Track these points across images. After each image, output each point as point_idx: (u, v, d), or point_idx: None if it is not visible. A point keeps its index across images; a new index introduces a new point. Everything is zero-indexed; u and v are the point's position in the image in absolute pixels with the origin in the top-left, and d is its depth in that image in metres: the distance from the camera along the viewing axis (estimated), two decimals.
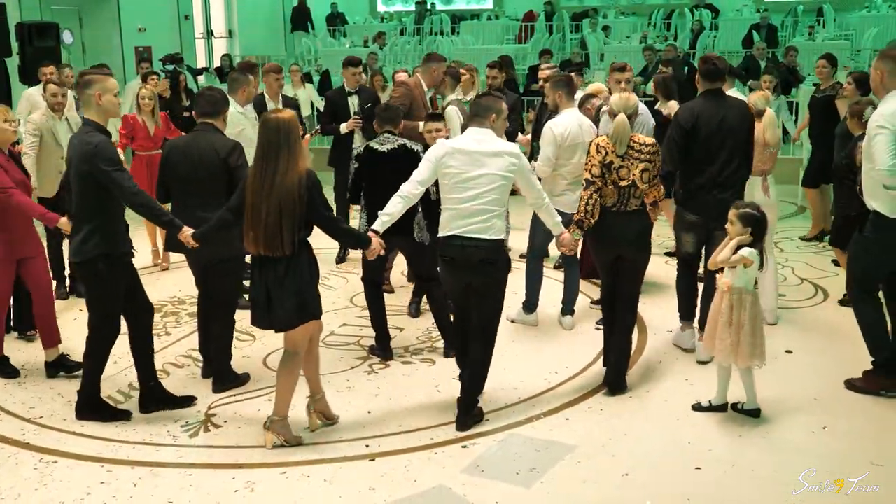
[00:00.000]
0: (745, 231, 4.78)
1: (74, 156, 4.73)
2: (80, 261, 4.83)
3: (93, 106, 4.74)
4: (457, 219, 4.71)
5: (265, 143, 4.39)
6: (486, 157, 4.70)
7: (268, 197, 4.32)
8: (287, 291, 4.41)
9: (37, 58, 10.55)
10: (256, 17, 20.16)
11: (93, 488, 4.28)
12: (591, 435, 4.76)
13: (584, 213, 5.16)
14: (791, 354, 5.85)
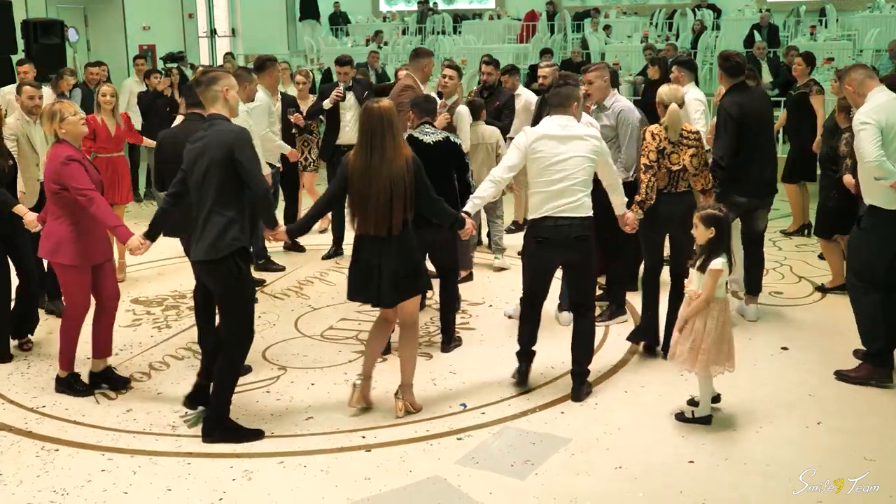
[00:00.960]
0: (709, 231, 4.72)
1: (209, 145, 4.48)
2: (216, 258, 4.50)
3: (220, 101, 4.60)
4: (548, 201, 5.02)
5: (368, 131, 4.67)
6: (573, 141, 5.04)
7: (376, 181, 4.60)
8: (404, 265, 4.73)
9: (42, 55, 10.63)
10: (259, 16, 20.23)
11: (93, 475, 4.34)
12: (586, 428, 4.81)
13: (645, 195, 5.53)
14: (787, 351, 5.89)
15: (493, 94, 8.10)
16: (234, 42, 19.85)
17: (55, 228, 5.04)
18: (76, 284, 5.10)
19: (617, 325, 6.34)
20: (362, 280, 4.78)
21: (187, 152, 4.60)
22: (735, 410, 4.99)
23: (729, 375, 5.39)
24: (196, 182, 4.54)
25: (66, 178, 4.92)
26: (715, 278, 4.67)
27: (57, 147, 5.04)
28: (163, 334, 6.26)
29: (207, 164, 4.48)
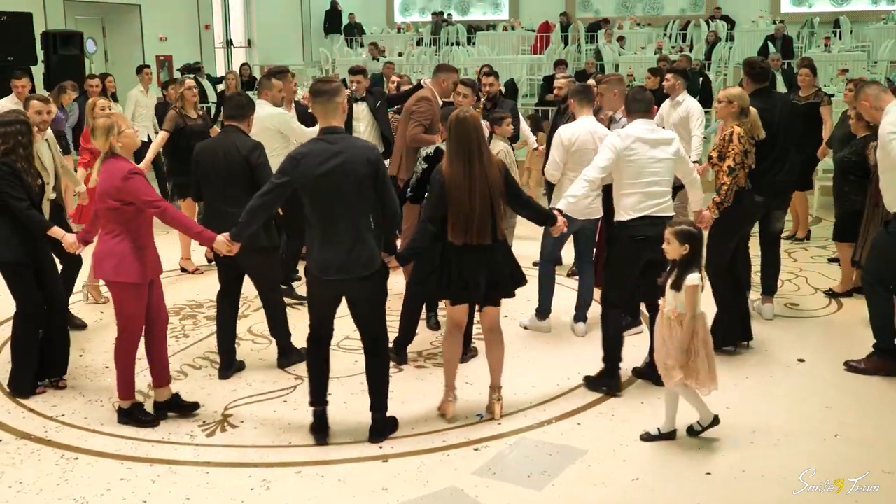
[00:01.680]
0: (683, 248, 4.62)
1: (351, 160, 4.43)
2: (371, 273, 4.55)
3: (339, 114, 4.57)
4: (644, 200, 5.24)
5: (462, 139, 4.69)
6: (661, 144, 5.30)
7: (476, 190, 4.65)
8: (504, 270, 4.85)
9: (62, 66, 10.73)
10: (275, 27, 20.36)
11: (112, 484, 4.37)
12: (603, 439, 4.82)
13: (726, 196, 5.67)
14: (803, 363, 5.88)
15: (496, 104, 8.14)
16: (249, 53, 19.97)
17: (114, 246, 4.79)
18: (136, 304, 4.88)
19: (631, 336, 6.32)
20: (467, 287, 4.81)
21: (319, 165, 4.41)
22: (752, 422, 4.99)
23: (746, 387, 5.43)
24: (332, 196, 4.43)
25: (133, 192, 4.71)
26: (694, 294, 4.56)
27: (112, 162, 4.80)
28: (180, 344, 6.30)
29: (353, 180, 4.43)
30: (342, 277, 4.53)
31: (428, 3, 23.75)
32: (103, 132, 4.80)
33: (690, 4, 21.52)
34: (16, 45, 10.32)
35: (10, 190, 5.16)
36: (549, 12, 21.04)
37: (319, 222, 4.51)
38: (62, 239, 5.31)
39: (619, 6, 21.99)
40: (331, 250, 4.49)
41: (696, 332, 4.58)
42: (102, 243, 4.86)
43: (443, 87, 7.49)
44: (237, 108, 5.76)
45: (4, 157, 5.21)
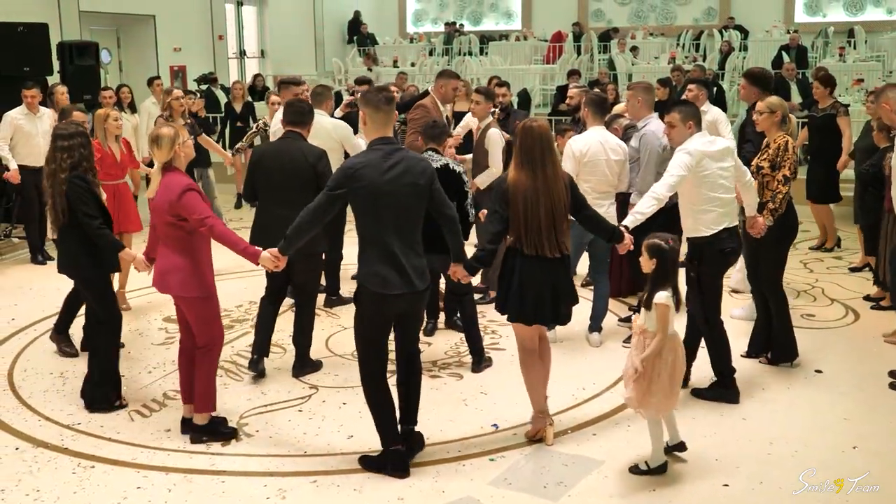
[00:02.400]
0: (651, 262, 4.43)
1: (409, 171, 4.34)
2: (425, 287, 4.47)
3: (392, 124, 4.51)
4: (725, 214, 5.28)
5: (529, 150, 4.61)
6: (724, 156, 5.30)
7: (545, 201, 4.58)
8: (570, 286, 4.81)
9: (77, 77, 10.79)
10: (288, 38, 20.44)
11: (129, 493, 4.38)
12: (619, 450, 4.79)
13: (780, 205, 5.61)
14: (821, 374, 5.84)
15: (510, 114, 8.15)
16: (262, 63, 20.06)
17: (177, 261, 4.70)
18: (213, 315, 4.84)
19: None
20: (536, 302, 4.68)
21: (375, 177, 4.27)
22: (769, 433, 4.96)
23: (763, 398, 5.40)
24: (387, 208, 4.29)
25: (187, 209, 4.61)
26: (663, 313, 4.34)
27: (172, 176, 4.71)
28: None
29: (408, 191, 4.32)
30: (402, 292, 4.34)
31: (440, 13, 23.81)
32: (170, 142, 4.68)
33: (704, 14, 21.51)
34: (32, 55, 10.36)
35: (84, 207, 5.16)
36: (561, 22, 21.07)
37: (376, 236, 4.35)
38: (132, 260, 5.22)
39: (632, 16, 22.00)
40: (386, 264, 4.32)
41: (659, 354, 4.36)
42: (164, 258, 4.75)
43: (441, 92, 7.51)
44: (299, 115, 5.87)
45: (74, 170, 5.20)
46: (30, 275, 8.61)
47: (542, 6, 22.75)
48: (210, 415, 4.93)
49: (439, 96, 7.49)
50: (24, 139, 8.76)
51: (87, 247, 5.26)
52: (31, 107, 8.81)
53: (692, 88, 7.73)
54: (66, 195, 5.18)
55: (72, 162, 5.21)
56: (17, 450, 4.86)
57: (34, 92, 8.75)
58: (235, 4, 19.09)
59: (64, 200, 5.19)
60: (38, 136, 8.70)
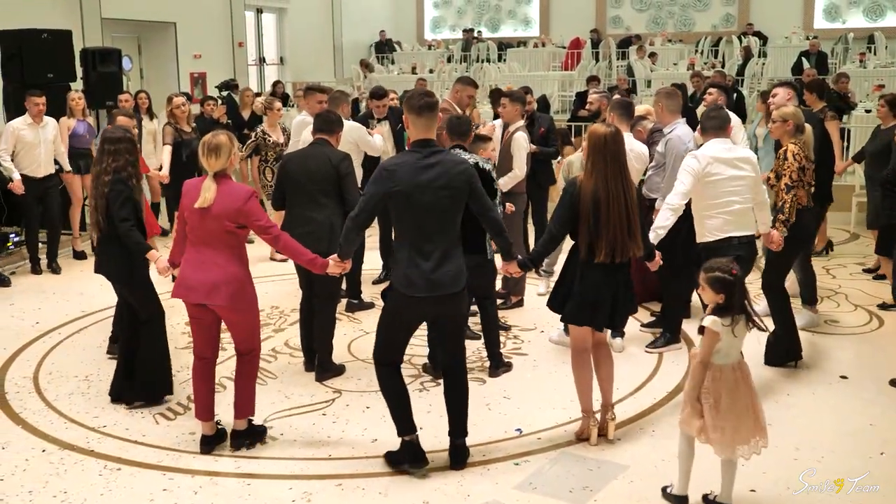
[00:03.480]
0: (718, 297, 4.07)
1: (448, 174, 4.35)
2: (457, 291, 4.43)
3: (435, 127, 4.55)
4: (732, 223, 5.33)
5: (606, 155, 4.58)
6: (739, 163, 5.35)
7: (617, 207, 4.56)
8: (629, 293, 4.78)
9: (100, 83, 10.87)
10: (307, 45, 20.52)
11: (155, 495, 4.40)
12: (644, 455, 4.78)
13: (789, 213, 5.66)
14: (846, 380, 5.81)
15: (535, 121, 8.15)
16: (282, 70, 20.14)
17: (232, 271, 4.64)
18: (258, 324, 4.88)
19: (670, 352, 6.28)
20: (594, 306, 4.69)
21: (413, 178, 4.29)
22: (795, 439, 4.93)
23: (788, 403, 5.37)
24: (424, 210, 4.30)
25: (253, 216, 4.61)
26: (709, 338, 4.04)
27: (230, 183, 4.67)
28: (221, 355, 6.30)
29: (446, 193, 4.33)
30: (427, 295, 4.33)
31: (458, 20, 23.85)
32: (228, 151, 4.64)
33: (722, 20, 21.45)
34: (56, 62, 10.42)
35: (120, 209, 5.20)
36: (579, 29, 21.06)
37: (409, 237, 4.36)
38: (156, 263, 5.20)
39: (651, 22, 21.96)
40: (418, 266, 4.32)
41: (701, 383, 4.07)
42: (218, 268, 4.63)
43: (457, 97, 7.64)
44: (327, 123, 6.01)
45: (117, 173, 5.26)
46: (53, 279, 8.68)
47: (559, 13, 22.75)
48: (245, 421, 4.91)
49: (455, 100, 7.61)
50: (26, 149, 8.56)
51: (126, 252, 5.32)
52: (35, 115, 8.61)
53: (712, 92, 7.77)
54: (106, 197, 5.23)
55: (116, 165, 5.27)
56: (43, 452, 4.90)
57: (41, 100, 8.58)
58: (255, 12, 19.17)
59: (104, 203, 5.26)
60: (41, 146, 8.61)
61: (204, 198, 4.58)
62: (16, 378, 6.02)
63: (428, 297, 4.35)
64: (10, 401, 5.62)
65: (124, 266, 5.38)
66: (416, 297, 4.35)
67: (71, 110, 9.38)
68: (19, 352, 6.54)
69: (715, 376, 4.06)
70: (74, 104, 9.40)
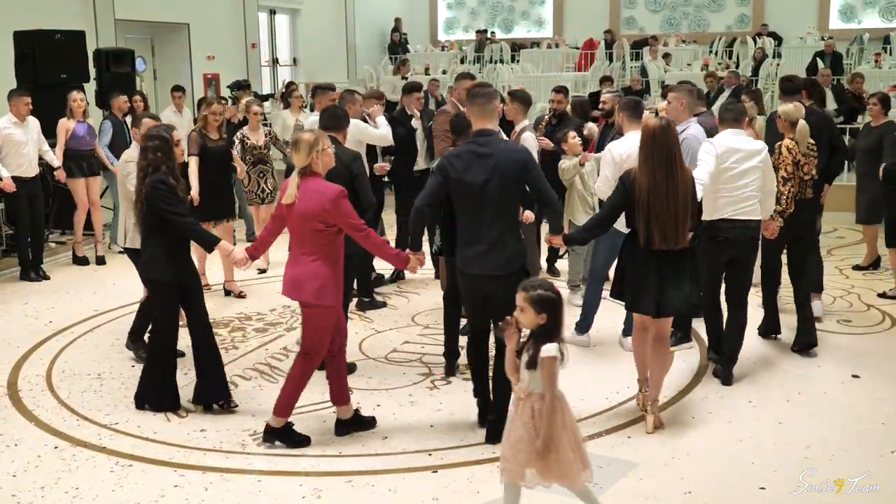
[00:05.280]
0: (540, 317, 3.73)
1: (502, 162, 4.63)
2: (507, 273, 4.64)
3: (493, 117, 4.90)
4: (730, 205, 5.53)
5: (663, 148, 4.82)
6: (752, 154, 5.57)
7: (673, 197, 4.80)
8: (685, 278, 4.95)
9: (113, 83, 10.90)
10: (320, 46, 20.57)
11: (167, 491, 4.42)
12: (654, 453, 4.77)
13: (786, 205, 5.93)
14: (858, 379, 5.78)
15: (562, 121, 8.10)
16: (294, 71, 20.20)
17: (316, 269, 4.66)
18: (331, 326, 4.81)
19: (681, 351, 6.27)
20: (649, 290, 4.91)
21: (470, 166, 4.64)
22: (806, 438, 4.91)
23: (799, 402, 5.35)
24: (480, 196, 4.64)
25: (344, 214, 4.63)
26: (551, 369, 3.71)
27: (316, 181, 4.67)
28: (230, 355, 6.35)
29: (501, 180, 4.63)
30: (480, 273, 4.70)
31: (472, 21, 23.85)
32: (307, 147, 4.64)
33: (737, 21, 21.37)
34: (69, 63, 10.48)
35: (170, 207, 5.06)
36: (592, 30, 21.03)
37: (465, 221, 4.74)
38: (230, 254, 5.24)
39: (665, 23, 21.90)
40: (473, 248, 4.70)
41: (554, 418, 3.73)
42: (302, 265, 4.68)
43: (456, 94, 7.58)
44: (334, 120, 5.93)
45: (154, 173, 5.10)
46: (66, 278, 8.73)
47: (573, 14, 22.72)
48: (286, 419, 4.91)
49: (457, 98, 7.54)
50: (14, 149, 8.38)
51: (168, 251, 5.19)
52: (22, 115, 8.44)
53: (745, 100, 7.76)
54: (147, 199, 5.09)
55: (146, 164, 5.13)
56: (56, 448, 4.93)
57: (29, 98, 8.49)
58: (268, 13, 19.23)
59: (143, 204, 5.13)
60: (29, 146, 8.47)
61: (288, 193, 4.66)
62: (29, 376, 6.06)
63: (479, 275, 4.71)
64: (24, 398, 5.66)
65: (162, 270, 5.20)
66: (471, 274, 4.76)
67: (71, 111, 9.12)
68: (33, 350, 6.59)
69: (519, 396, 3.79)
70: (76, 105, 9.12)
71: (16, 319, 7.39)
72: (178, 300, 5.33)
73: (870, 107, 8.31)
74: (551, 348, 3.70)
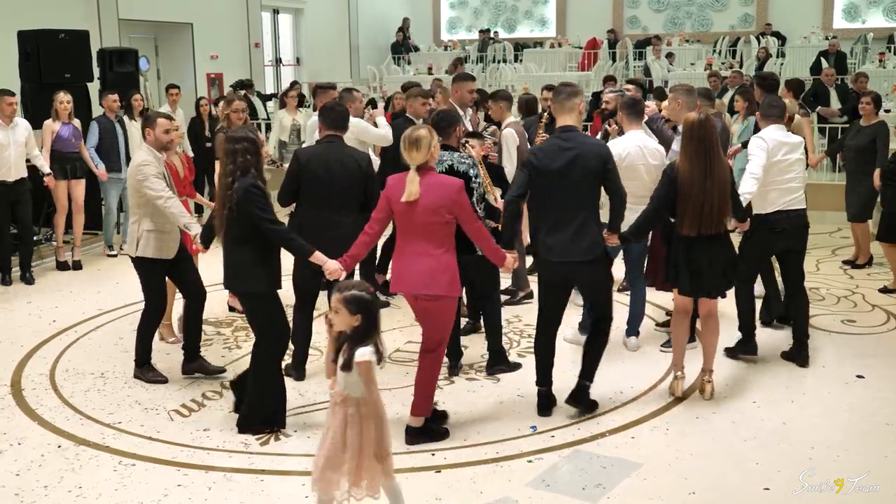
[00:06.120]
0: (354, 319, 3.68)
1: (583, 155, 4.93)
2: (591, 258, 5.04)
3: (575, 112, 5.13)
4: (781, 196, 5.88)
5: (701, 141, 5.13)
6: (795, 146, 5.95)
7: (710, 187, 5.11)
8: (731, 258, 5.34)
9: (117, 83, 10.90)
10: (323, 46, 20.58)
11: (170, 490, 4.42)
12: (658, 453, 4.76)
13: None
14: (862, 380, 5.77)
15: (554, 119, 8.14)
16: (298, 70, 20.20)
17: (448, 261, 4.73)
18: (453, 317, 4.97)
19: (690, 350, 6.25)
20: (693, 274, 5.27)
21: (554, 160, 4.94)
22: (810, 438, 4.90)
23: (803, 403, 5.34)
24: (562, 188, 4.94)
25: (465, 208, 4.74)
26: (369, 372, 3.67)
27: (433, 175, 4.73)
28: (233, 354, 6.36)
29: (583, 174, 4.93)
30: (564, 260, 4.98)
31: (475, 20, 23.82)
32: (428, 144, 4.67)
33: (740, 21, 21.32)
34: (73, 62, 10.46)
35: (265, 213, 4.77)
36: (596, 29, 21.00)
37: (548, 211, 5.02)
38: (324, 265, 4.90)
39: (668, 22, 21.85)
40: (556, 236, 4.98)
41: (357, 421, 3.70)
42: (433, 258, 4.68)
43: (458, 96, 7.56)
44: (341, 119, 5.86)
45: (244, 176, 4.77)
46: (70, 278, 8.74)
47: (576, 13, 22.68)
48: (424, 418, 4.91)
49: (456, 100, 7.53)
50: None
51: (257, 262, 4.87)
52: (7, 116, 8.23)
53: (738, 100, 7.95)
54: (239, 205, 4.72)
55: (235, 167, 4.77)
56: (59, 447, 4.93)
57: (13, 99, 8.34)
58: (272, 12, 19.24)
59: (234, 210, 4.75)
60: (10, 148, 8.19)
61: (409, 191, 4.66)
62: (32, 375, 6.06)
63: (563, 262, 5.00)
64: (27, 397, 5.67)
65: (252, 280, 4.89)
66: (555, 262, 5.04)
67: (56, 113, 8.88)
68: (36, 349, 6.59)
69: (335, 401, 3.73)
70: (61, 107, 8.88)
71: (19, 318, 7.40)
72: (282, 307, 5.04)
73: (862, 105, 8.46)
74: (366, 352, 3.64)
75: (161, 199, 5.56)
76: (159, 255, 5.73)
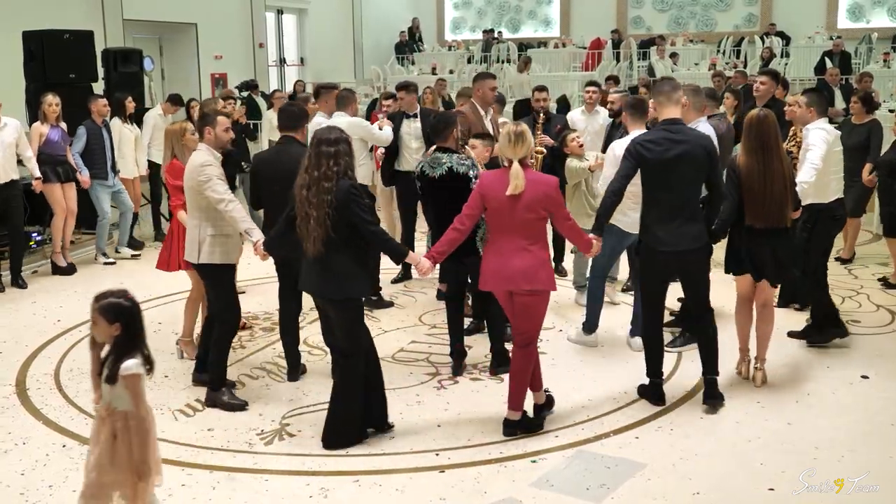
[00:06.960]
0: (113, 328, 3.50)
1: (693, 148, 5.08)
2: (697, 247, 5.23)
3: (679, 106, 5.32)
4: (837, 185, 6.33)
5: (759, 137, 5.32)
6: (838, 139, 6.33)
7: (774, 181, 5.29)
8: (792, 251, 5.61)
9: (122, 83, 10.92)
10: (327, 46, 20.60)
11: (174, 490, 4.42)
12: (662, 454, 4.76)
13: None
14: (867, 380, 5.76)
15: (550, 118, 8.16)
16: (302, 71, 20.23)
17: (544, 256, 4.85)
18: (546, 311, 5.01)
19: (689, 351, 6.25)
20: (757, 263, 5.48)
21: (664, 152, 5.06)
22: (815, 438, 4.90)
23: (808, 403, 5.34)
24: (671, 179, 5.09)
25: (560, 204, 4.90)
26: (137, 385, 3.51)
27: (529, 171, 4.81)
28: (237, 354, 6.36)
29: (690, 166, 5.09)
30: (671, 249, 5.11)
31: (479, 21, 23.85)
32: (530, 139, 4.85)
33: (744, 20, 21.32)
34: (78, 62, 10.48)
35: (366, 215, 4.65)
36: (599, 29, 21.01)
37: (657, 201, 5.16)
38: (417, 265, 4.92)
39: (672, 23, 21.86)
40: (664, 226, 5.12)
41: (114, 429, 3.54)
42: (531, 254, 4.76)
43: (479, 95, 7.54)
44: (293, 119, 5.76)
45: (344, 177, 4.61)
46: (74, 278, 8.74)
47: (580, 14, 22.70)
48: (520, 412, 4.97)
49: (478, 100, 7.53)
50: None
51: (358, 267, 4.74)
52: None
53: (765, 81, 8.00)
54: (341, 208, 4.56)
55: (338, 170, 4.59)
56: (63, 447, 4.94)
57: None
58: (276, 13, 19.28)
59: (332, 213, 4.56)
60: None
61: (515, 184, 4.69)
62: (37, 374, 6.07)
63: (671, 252, 5.13)
64: (32, 397, 5.68)
65: (350, 286, 4.72)
66: (662, 251, 5.15)
67: (44, 115, 8.60)
68: (41, 349, 6.60)
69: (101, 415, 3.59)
70: (49, 110, 8.59)
71: (24, 318, 7.41)
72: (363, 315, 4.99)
73: (852, 104, 8.62)
74: (132, 365, 3.46)
75: (223, 202, 5.23)
76: (226, 260, 5.42)
